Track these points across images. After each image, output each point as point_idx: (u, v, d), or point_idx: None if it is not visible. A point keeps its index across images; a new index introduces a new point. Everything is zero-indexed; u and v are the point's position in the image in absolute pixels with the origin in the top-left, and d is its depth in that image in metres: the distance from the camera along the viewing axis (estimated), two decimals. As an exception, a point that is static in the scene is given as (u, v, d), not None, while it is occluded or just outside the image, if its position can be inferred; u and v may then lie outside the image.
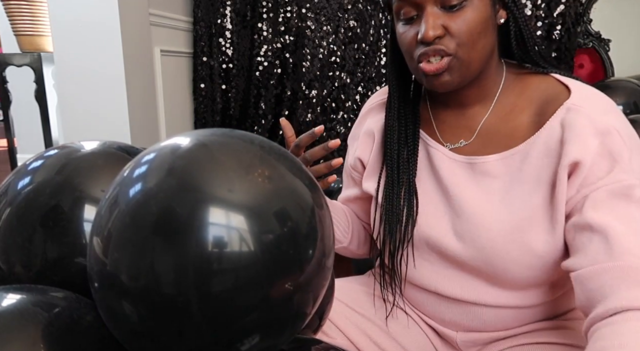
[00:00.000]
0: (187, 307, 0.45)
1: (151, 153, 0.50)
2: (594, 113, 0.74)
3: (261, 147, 0.51)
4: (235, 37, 2.30)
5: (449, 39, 0.75)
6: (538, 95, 0.81)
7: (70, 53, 1.86)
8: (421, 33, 0.75)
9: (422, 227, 0.86)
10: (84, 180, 0.63)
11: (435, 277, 0.87)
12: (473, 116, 0.85)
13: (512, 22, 0.81)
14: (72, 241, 0.60)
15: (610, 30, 2.67)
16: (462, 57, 0.76)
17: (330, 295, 0.77)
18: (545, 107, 0.79)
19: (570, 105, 0.75)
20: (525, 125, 0.80)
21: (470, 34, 0.75)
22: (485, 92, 0.84)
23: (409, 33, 0.78)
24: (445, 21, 0.75)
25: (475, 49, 0.77)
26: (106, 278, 0.47)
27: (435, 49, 0.75)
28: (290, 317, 0.51)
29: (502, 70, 0.85)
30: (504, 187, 0.80)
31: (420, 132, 0.90)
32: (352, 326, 0.92)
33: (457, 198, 0.83)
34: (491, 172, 0.81)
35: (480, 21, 0.76)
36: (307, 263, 0.49)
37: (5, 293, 0.53)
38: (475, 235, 0.80)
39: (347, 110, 2.41)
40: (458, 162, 0.84)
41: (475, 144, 0.84)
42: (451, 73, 0.77)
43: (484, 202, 0.80)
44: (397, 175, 0.88)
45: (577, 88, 0.78)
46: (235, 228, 0.45)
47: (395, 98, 0.89)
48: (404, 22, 0.79)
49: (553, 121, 0.76)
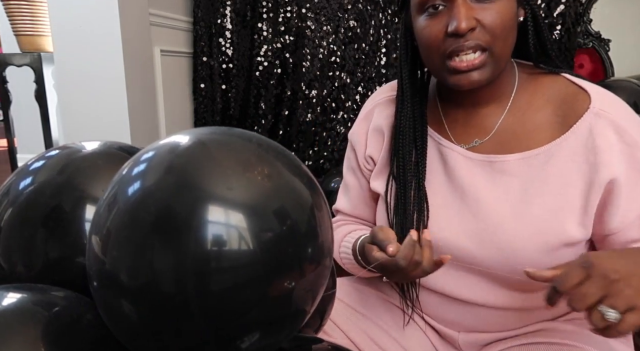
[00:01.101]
0: (187, 305, 0.45)
1: (150, 151, 0.50)
2: (622, 120, 0.74)
3: (259, 145, 0.51)
4: (235, 37, 2.30)
5: (482, 32, 0.72)
6: (554, 94, 0.81)
7: (70, 53, 1.86)
8: (453, 25, 0.71)
9: (432, 228, 0.84)
10: (85, 180, 0.63)
11: (443, 278, 0.86)
12: (488, 115, 0.84)
13: (531, 20, 0.80)
14: (73, 241, 0.61)
15: (610, 30, 2.68)
16: (496, 51, 0.74)
17: (331, 295, 0.78)
18: (565, 109, 0.79)
19: (598, 111, 0.75)
20: (546, 125, 0.80)
21: (504, 27, 0.73)
22: (501, 91, 0.83)
23: (434, 27, 0.74)
24: (478, 14, 0.72)
25: (507, 44, 0.75)
26: (105, 277, 0.48)
27: (470, 44, 0.72)
28: (289, 315, 0.51)
29: (514, 69, 0.84)
30: (523, 186, 0.79)
31: (432, 133, 0.88)
32: (352, 325, 0.92)
33: (474, 198, 0.82)
34: (511, 171, 0.80)
35: (511, 15, 0.74)
36: (306, 262, 0.49)
37: (5, 292, 0.53)
38: (494, 235, 0.79)
39: (347, 110, 2.41)
40: (476, 161, 0.83)
41: (491, 143, 0.83)
42: (482, 70, 0.75)
43: (502, 201, 0.79)
44: (407, 179, 0.85)
45: (594, 91, 0.78)
46: (234, 226, 0.45)
47: (409, 99, 0.86)
48: (428, 15, 0.75)
49: (581, 126, 0.76)
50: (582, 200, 0.76)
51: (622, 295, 0.58)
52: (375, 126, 0.94)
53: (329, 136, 2.41)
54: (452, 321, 0.89)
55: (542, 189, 0.77)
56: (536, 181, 0.78)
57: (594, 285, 0.59)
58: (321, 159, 2.43)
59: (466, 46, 0.72)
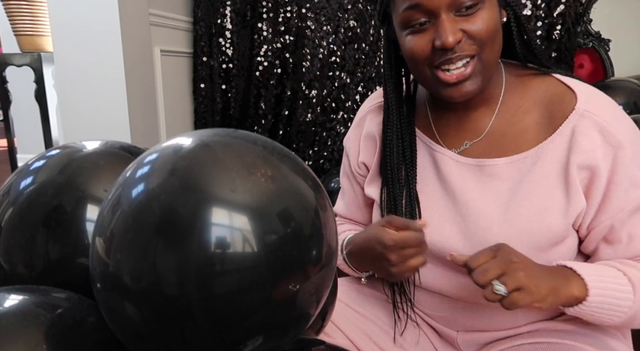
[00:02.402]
0: (190, 309, 0.45)
1: (153, 153, 0.50)
2: (606, 121, 0.75)
3: (264, 148, 0.51)
4: (235, 37, 2.30)
5: (469, 43, 0.73)
6: (541, 95, 0.81)
7: (70, 53, 1.86)
8: (440, 40, 0.72)
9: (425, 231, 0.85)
10: (86, 180, 0.63)
11: (440, 280, 0.87)
12: (478, 118, 0.85)
13: (513, 21, 0.80)
14: (74, 241, 0.60)
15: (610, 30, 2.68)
16: (484, 57, 0.75)
17: (333, 296, 0.77)
18: (552, 110, 0.79)
19: (583, 112, 0.76)
20: (533, 127, 0.80)
21: (489, 33, 0.74)
22: (490, 94, 0.83)
23: (420, 42, 0.75)
24: (462, 25, 0.73)
25: (494, 49, 0.76)
26: (109, 279, 0.47)
27: (459, 55, 0.73)
28: (293, 318, 0.51)
29: (501, 70, 0.85)
30: (512, 189, 0.80)
31: (424, 137, 0.89)
32: (352, 326, 0.92)
33: (464, 202, 0.83)
34: (500, 174, 0.81)
35: (494, 21, 0.75)
36: (310, 264, 0.49)
37: (7, 294, 0.53)
38: (483, 238, 0.80)
39: (347, 110, 2.41)
40: (465, 164, 0.84)
41: (481, 146, 0.84)
42: (473, 79, 0.75)
43: (491, 205, 0.80)
44: (397, 188, 0.86)
45: (582, 90, 0.79)
46: (238, 228, 0.45)
47: (395, 110, 0.87)
48: (413, 30, 0.76)
49: (566, 127, 0.77)
50: (565, 197, 0.77)
51: (515, 275, 0.68)
52: (368, 133, 0.95)
53: (329, 136, 2.41)
54: (450, 321, 0.90)
55: (529, 191, 0.78)
56: (524, 183, 0.79)
57: (496, 263, 0.69)
58: (321, 159, 2.43)
59: (455, 58, 0.74)
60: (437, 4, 0.72)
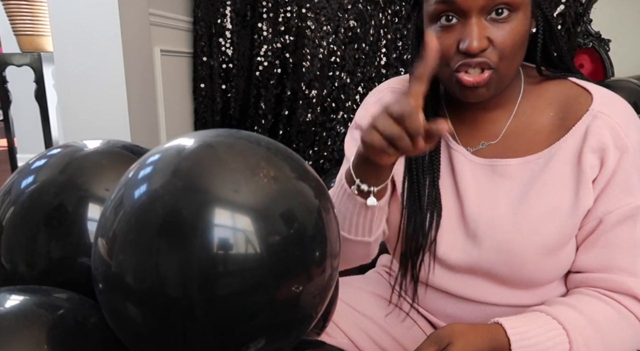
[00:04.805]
0: (192, 310, 0.45)
1: (156, 154, 0.50)
2: (618, 124, 0.75)
3: (267, 148, 0.51)
4: (235, 37, 2.29)
5: (492, 51, 0.72)
6: (557, 97, 0.81)
7: (70, 53, 1.85)
8: (465, 44, 0.71)
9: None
10: (87, 179, 0.63)
11: (447, 279, 0.86)
12: (494, 120, 0.84)
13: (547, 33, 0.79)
14: (76, 240, 0.60)
15: (610, 30, 2.68)
16: (502, 70, 0.74)
17: (335, 296, 0.77)
18: (567, 110, 0.79)
19: (597, 113, 0.76)
20: (547, 128, 0.80)
21: (513, 47, 0.73)
22: (507, 97, 0.83)
23: (446, 40, 0.74)
24: (490, 32, 0.72)
25: (514, 62, 0.75)
26: (111, 280, 0.47)
27: (479, 61, 0.72)
28: (296, 320, 0.50)
29: (520, 75, 0.84)
30: (523, 189, 0.79)
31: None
32: (353, 325, 0.92)
33: (474, 200, 0.82)
34: (511, 174, 0.81)
35: (523, 34, 0.74)
36: (313, 265, 0.49)
37: (9, 294, 0.53)
38: (493, 238, 0.79)
39: (347, 110, 2.41)
40: (478, 164, 0.83)
41: (496, 147, 0.83)
42: (488, 86, 0.75)
43: (502, 204, 0.80)
44: (420, 177, 0.85)
45: (598, 92, 0.78)
46: (241, 229, 0.45)
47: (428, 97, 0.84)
48: (440, 26, 0.75)
49: (579, 127, 0.77)
50: (575, 197, 0.77)
51: None
52: None
53: (329, 136, 2.40)
54: (454, 319, 0.89)
55: (539, 191, 0.78)
56: (535, 184, 0.78)
57: None
58: (321, 159, 2.43)
59: (474, 62, 0.72)
60: (471, 4, 0.71)
